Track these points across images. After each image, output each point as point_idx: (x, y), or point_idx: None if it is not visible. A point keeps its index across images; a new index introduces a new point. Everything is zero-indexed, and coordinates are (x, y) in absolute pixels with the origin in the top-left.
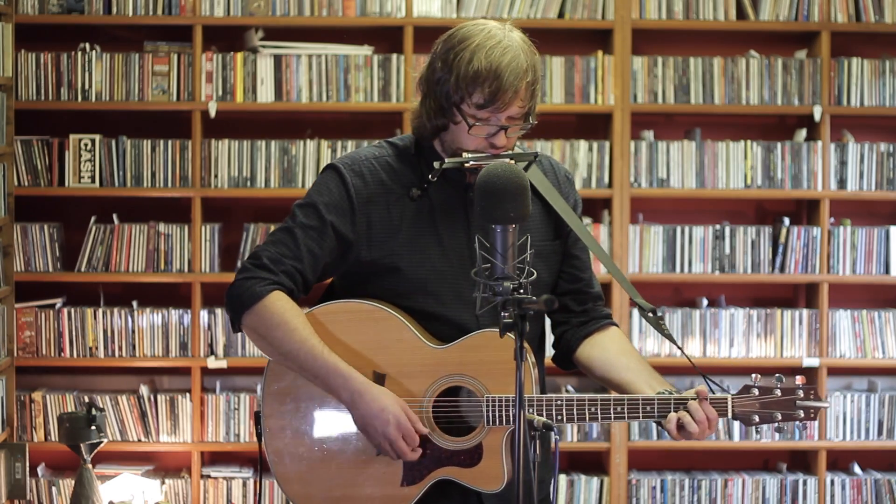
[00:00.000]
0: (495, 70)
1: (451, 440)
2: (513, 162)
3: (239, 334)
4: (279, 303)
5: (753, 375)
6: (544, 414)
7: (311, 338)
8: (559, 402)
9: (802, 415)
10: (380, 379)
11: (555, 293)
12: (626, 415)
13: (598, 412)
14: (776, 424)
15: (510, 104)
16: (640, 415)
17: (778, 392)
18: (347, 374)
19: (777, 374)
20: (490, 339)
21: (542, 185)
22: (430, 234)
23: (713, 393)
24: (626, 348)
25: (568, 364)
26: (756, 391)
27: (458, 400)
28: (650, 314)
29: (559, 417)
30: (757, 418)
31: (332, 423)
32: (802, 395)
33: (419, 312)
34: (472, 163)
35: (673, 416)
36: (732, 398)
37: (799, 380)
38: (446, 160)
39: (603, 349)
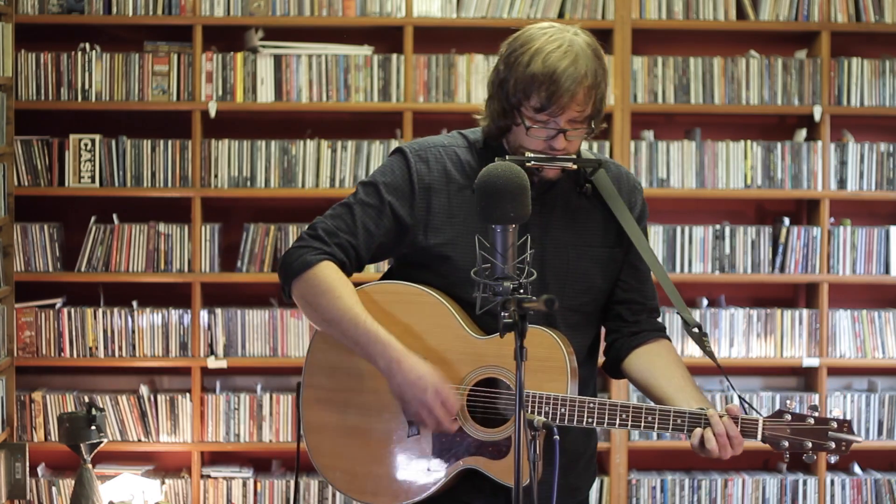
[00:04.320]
0: (551, 74)
1: (483, 430)
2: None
3: (239, 332)
4: (328, 271)
5: (788, 402)
6: (575, 415)
7: (356, 306)
8: (591, 406)
9: (833, 446)
10: None
11: (611, 301)
12: (656, 425)
13: (630, 419)
14: (806, 454)
15: (567, 108)
16: (671, 427)
17: (811, 421)
18: (387, 341)
19: (812, 404)
20: (532, 335)
21: (606, 192)
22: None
23: (746, 413)
24: (672, 362)
25: (616, 373)
26: (788, 416)
27: (493, 391)
28: (695, 330)
29: (590, 420)
30: (786, 444)
31: (368, 399)
32: (836, 427)
33: (468, 303)
34: (533, 162)
35: (698, 430)
36: (763, 420)
37: (835, 412)
38: (507, 157)
39: (649, 361)
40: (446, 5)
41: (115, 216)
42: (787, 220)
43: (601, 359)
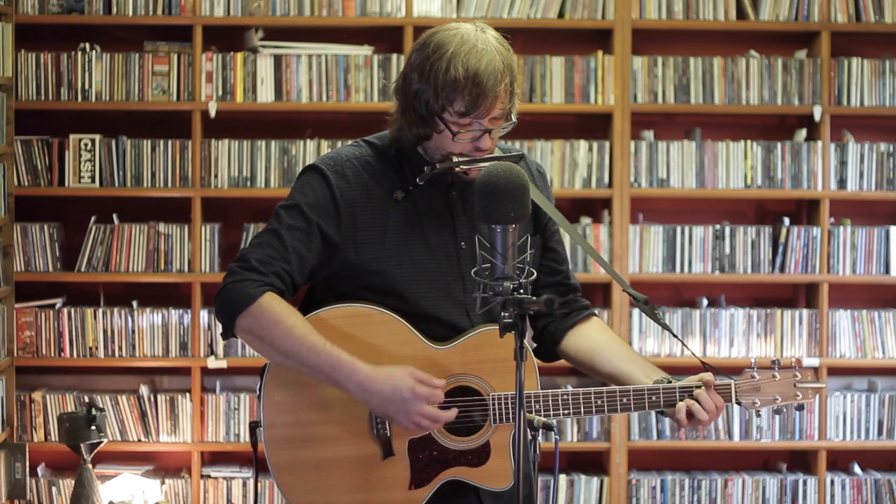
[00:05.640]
0: (473, 77)
1: (458, 440)
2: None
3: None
4: (273, 302)
5: (753, 360)
6: (550, 408)
7: (311, 334)
8: (565, 397)
9: (800, 395)
10: None
11: (536, 287)
12: (632, 406)
13: (605, 404)
14: (776, 406)
15: (492, 108)
16: (647, 405)
17: (777, 375)
18: (351, 364)
19: (774, 359)
20: (490, 338)
21: None
22: (417, 235)
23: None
24: (613, 337)
25: (551, 356)
26: (756, 375)
27: (463, 400)
28: (644, 304)
29: (566, 411)
30: (758, 402)
31: (331, 430)
32: (800, 377)
33: (410, 314)
34: (462, 166)
35: (682, 405)
36: (736, 384)
37: (794, 362)
38: (437, 165)
39: (590, 339)
40: (446, 5)
41: (115, 216)
42: (787, 220)
43: (531, 345)
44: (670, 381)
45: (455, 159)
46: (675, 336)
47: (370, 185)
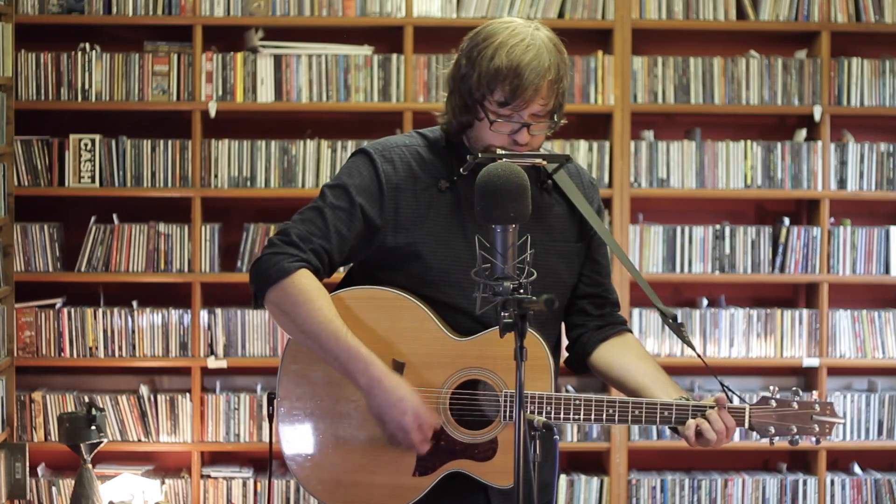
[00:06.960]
0: (516, 68)
1: (467, 433)
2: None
3: (239, 332)
4: (306, 280)
5: (771, 387)
6: (562, 412)
7: (335, 319)
8: (577, 402)
9: (817, 429)
10: (399, 367)
11: (574, 296)
12: (643, 418)
13: (616, 414)
14: (791, 437)
15: (531, 102)
16: (658, 419)
17: (795, 405)
18: (368, 359)
19: (794, 388)
20: (510, 335)
21: (567, 188)
22: (457, 225)
23: (731, 401)
24: (642, 354)
25: (582, 367)
26: (773, 403)
27: (475, 393)
28: (671, 321)
29: (576, 417)
30: (773, 430)
31: (346, 408)
32: (819, 410)
33: (441, 303)
34: (505, 159)
35: (692, 422)
36: (750, 408)
37: (815, 395)
38: (480, 154)
39: (620, 354)
40: (446, 5)
41: (115, 216)
42: (787, 220)
43: (563, 354)
44: (688, 401)
45: (499, 151)
46: (700, 356)
47: (416, 173)
